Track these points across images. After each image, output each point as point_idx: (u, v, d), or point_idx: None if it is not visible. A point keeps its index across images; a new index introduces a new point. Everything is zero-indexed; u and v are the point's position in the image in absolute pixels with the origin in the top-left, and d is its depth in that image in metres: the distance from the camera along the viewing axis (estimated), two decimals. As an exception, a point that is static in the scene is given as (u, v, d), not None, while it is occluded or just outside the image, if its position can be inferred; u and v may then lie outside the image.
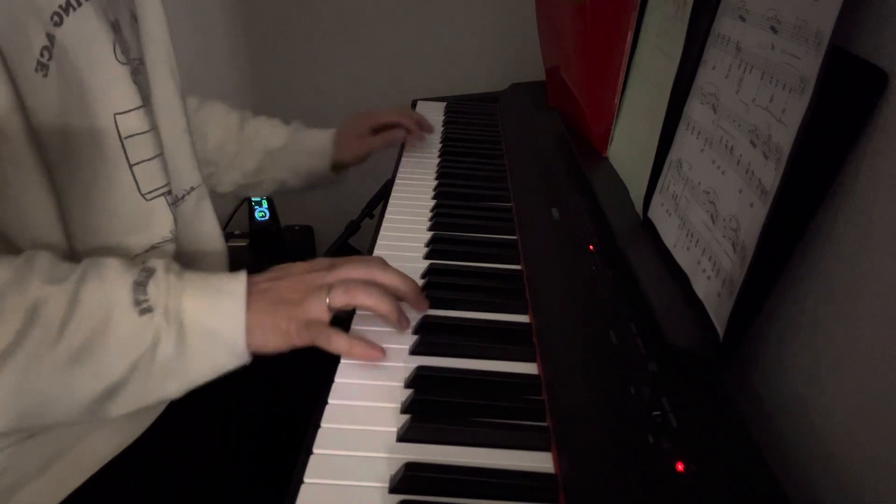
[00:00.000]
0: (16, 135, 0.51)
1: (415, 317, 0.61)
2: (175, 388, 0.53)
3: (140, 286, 0.52)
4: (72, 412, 0.51)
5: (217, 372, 0.55)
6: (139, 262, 0.56)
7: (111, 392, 0.51)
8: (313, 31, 1.64)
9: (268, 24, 1.64)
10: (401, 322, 0.58)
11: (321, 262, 0.60)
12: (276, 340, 0.55)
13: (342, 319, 0.61)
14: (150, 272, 0.53)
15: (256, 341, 0.54)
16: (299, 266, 0.59)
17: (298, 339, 0.55)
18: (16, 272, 0.49)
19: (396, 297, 0.59)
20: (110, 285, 0.51)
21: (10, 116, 0.51)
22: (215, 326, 0.53)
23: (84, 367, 0.49)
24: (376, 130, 1.05)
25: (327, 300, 0.55)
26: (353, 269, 0.58)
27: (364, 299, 0.56)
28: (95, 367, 0.50)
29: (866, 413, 0.44)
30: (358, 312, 0.61)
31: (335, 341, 0.55)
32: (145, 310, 0.51)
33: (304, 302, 0.55)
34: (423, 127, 1.09)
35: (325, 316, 0.55)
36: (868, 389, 0.43)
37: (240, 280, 0.55)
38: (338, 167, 1.04)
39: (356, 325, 0.60)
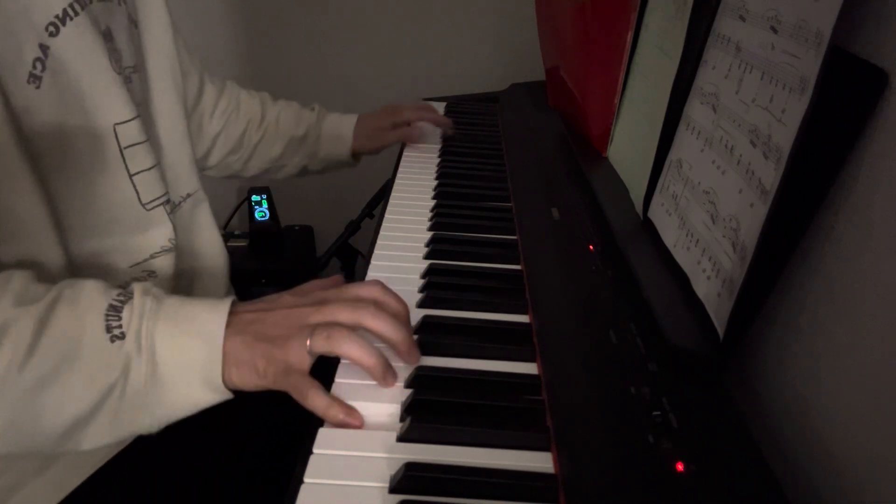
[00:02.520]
0: (7, 144, 0.51)
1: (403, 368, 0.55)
2: (149, 422, 0.50)
3: (114, 311, 0.49)
4: (39, 442, 0.48)
5: (195, 407, 0.51)
6: (127, 281, 0.55)
7: (80, 422, 0.48)
8: (313, 31, 1.64)
9: (268, 23, 1.65)
10: (386, 378, 0.52)
11: (312, 293, 0.55)
12: (252, 379, 0.51)
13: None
14: (127, 296, 0.50)
15: (232, 377, 0.50)
16: (289, 298, 0.55)
17: (274, 384, 0.51)
18: None
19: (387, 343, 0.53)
20: (83, 309, 0.49)
21: (1, 126, 0.50)
22: (188, 358, 0.49)
23: (51, 393, 0.46)
24: (396, 125, 1.06)
25: (307, 343, 0.50)
26: (340, 310, 0.52)
27: (347, 349, 0.50)
28: (63, 395, 0.47)
29: (866, 413, 0.44)
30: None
31: (311, 399, 0.49)
32: (116, 336, 0.48)
33: (285, 343, 0.50)
34: (440, 123, 1.11)
35: (305, 363, 0.51)
36: (868, 389, 0.43)
37: (220, 310, 0.51)
38: (356, 154, 1.06)
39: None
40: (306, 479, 0.44)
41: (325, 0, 1.60)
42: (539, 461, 0.47)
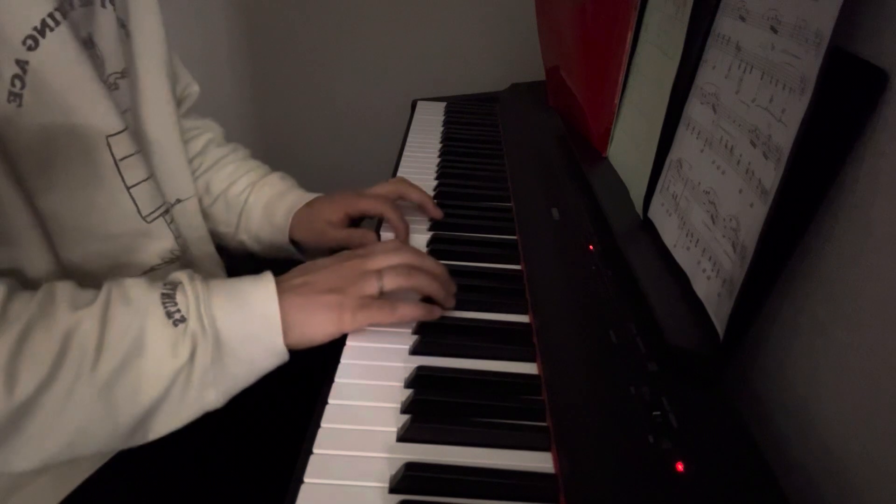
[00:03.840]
0: None
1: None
2: (215, 397, 0.53)
3: (168, 298, 0.51)
4: (112, 439, 0.50)
5: (259, 374, 0.55)
6: (158, 277, 0.56)
7: (151, 410, 0.50)
8: (313, 31, 1.64)
9: (268, 23, 1.65)
10: (448, 300, 0.61)
11: (346, 253, 0.61)
12: (326, 329, 0.55)
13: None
14: (174, 284, 0.53)
15: (296, 338, 0.54)
16: (326, 260, 0.60)
17: (352, 324, 0.56)
18: (39, 305, 0.48)
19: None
20: (137, 301, 0.51)
21: None
22: (250, 331, 0.53)
23: (124, 387, 0.48)
24: (354, 217, 0.81)
25: (380, 283, 0.57)
26: (389, 256, 0.59)
27: (416, 281, 0.58)
28: (135, 386, 0.49)
29: (866, 413, 0.44)
30: None
31: (401, 311, 0.57)
32: (178, 320, 0.50)
33: (349, 289, 0.56)
34: (427, 211, 0.82)
35: (376, 296, 0.57)
36: (868, 389, 0.43)
37: (267, 282, 0.55)
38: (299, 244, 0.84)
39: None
40: (306, 479, 0.44)
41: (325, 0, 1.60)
42: (539, 461, 0.47)
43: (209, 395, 0.52)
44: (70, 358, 0.47)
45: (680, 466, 0.44)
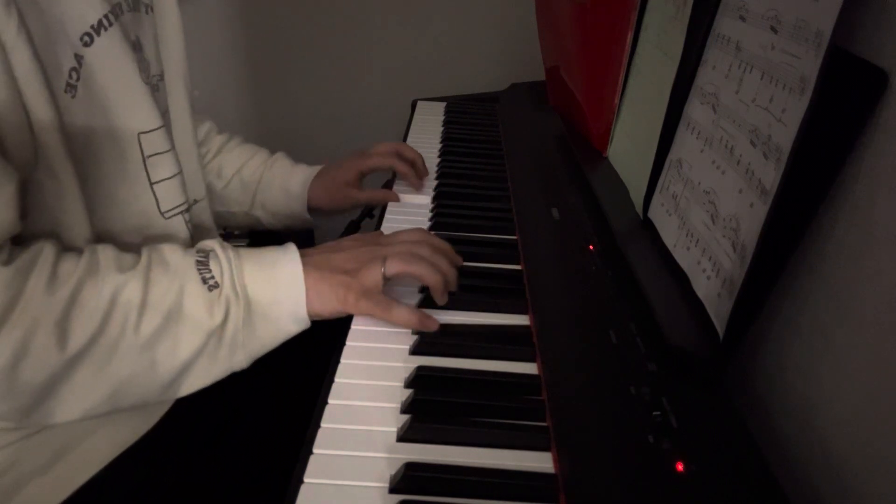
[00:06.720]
0: (55, 148, 0.52)
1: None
2: (242, 358, 0.56)
3: (203, 265, 0.55)
4: (149, 392, 0.54)
5: (283, 338, 0.58)
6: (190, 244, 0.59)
7: (185, 367, 0.54)
8: (313, 31, 1.64)
9: (268, 23, 1.64)
10: (443, 296, 0.62)
11: (369, 237, 0.65)
12: (332, 305, 0.59)
13: (342, 320, 0.61)
14: (207, 252, 0.57)
15: (314, 307, 0.58)
16: (349, 241, 0.64)
17: (354, 308, 0.59)
18: (87, 266, 0.51)
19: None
20: (175, 267, 0.55)
21: (50, 131, 0.51)
22: (278, 296, 0.56)
23: (163, 345, 0.52)
24: (365, 174, 0.91)
25: (383, 270, 0.59)
26: (409, 245, 0.62)
27: (416, 268, 0.60)
28: (173, 344, 0.53)
29: (866, 413, 0.44)
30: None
31: (395, 312, 0.59)
32: (213, 286, 0.54)
33: (360, 272, 0.59)
34: (418, 169, 0.92)
35: (380, 285, 0.60)
36: (868, 389, 0.43)
37: (292, 252, 0.59)
38: (316, 211, 0.92)
39: (356, 325, 0.61)
40: (306, 479, 0.44)
41: (325, 0, 1.60)
42: (539, 461, 0.47)
43: (237, 356, 0.56)
44: (116, 316, 0.50)
45: (680, 466, 0.44)
